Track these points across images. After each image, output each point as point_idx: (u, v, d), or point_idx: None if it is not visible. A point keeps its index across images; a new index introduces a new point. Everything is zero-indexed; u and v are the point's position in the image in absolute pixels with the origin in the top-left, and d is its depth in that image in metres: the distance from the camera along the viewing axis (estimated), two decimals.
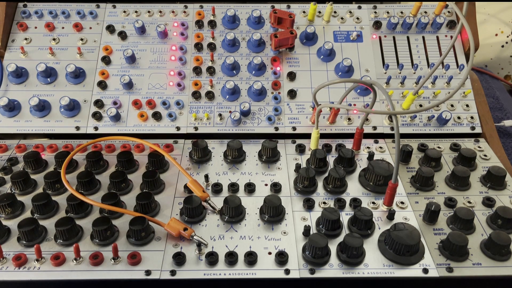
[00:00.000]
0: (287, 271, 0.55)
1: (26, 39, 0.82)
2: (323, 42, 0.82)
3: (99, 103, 0.77)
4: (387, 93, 0.58)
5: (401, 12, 0.86)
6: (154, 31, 0.83)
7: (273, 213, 0.61)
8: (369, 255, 0.57)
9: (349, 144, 0.74)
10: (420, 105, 0.78)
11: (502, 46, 1.32)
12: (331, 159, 0.72)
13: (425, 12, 0.85)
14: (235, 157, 0.71)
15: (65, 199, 0.62)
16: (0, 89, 0.77)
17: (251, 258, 0.55)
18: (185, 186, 0.66)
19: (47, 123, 0.76)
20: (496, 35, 1.30)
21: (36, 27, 0.83)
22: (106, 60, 0.80)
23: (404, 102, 0.77)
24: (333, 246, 0.57)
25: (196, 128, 0.76)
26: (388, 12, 0.86)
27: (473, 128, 0.77)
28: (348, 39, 0.84)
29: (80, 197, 0.60)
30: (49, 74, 0.79)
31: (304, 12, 0.86)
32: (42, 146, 0.73)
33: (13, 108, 0.76)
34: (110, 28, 0.83)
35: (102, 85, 0.78)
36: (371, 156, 0.72)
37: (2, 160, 0.71)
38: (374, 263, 0.56)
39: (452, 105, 0.79)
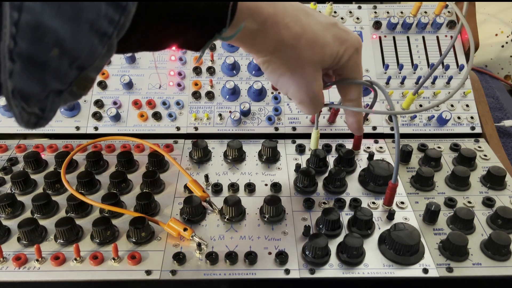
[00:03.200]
0: (287, 271, 0.55)
1: None
2: None
3: (99, 103, 0.77)
4: (387, 93, 0.58)
5: (401, 12, 0.86)
6: None
7: (273, 213, 0.61)
8: (369, 255, 0.57)
9: (349, 144, 0.74)
10: (420, 105, 0.78)
11: (502, 46, 1.32)
12: (331, 159, 0.72)
13: (425, 12, 0.85)
14: (235, 157, 0.71)
15: (65, 199, 0.62)
16: None
17: (251, 258, 0.55)
18: (185, 186, 0.66)
19: None
20: (496, 35, 1.31)
21: None
22: None
23: (404, 102, 0.77)
24: (333, 246, 0.57)
25: (196, 128, 0.76)
26: (388, 12, 0.86)
27: (473, 128, 0.77)
28: None
29: (80, 197, 0.60)
30: None
31: None
32: (42, 146, 0.73)
33: None
34: None
35: (102, 85, 0.78)
36: (371, 156, 0.72)
37: (2, 160, 0.71)
38: (374, 263, 0.56)
39: (452, 105, 0.79)
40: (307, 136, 0.75)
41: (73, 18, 0.29)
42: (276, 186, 0.66)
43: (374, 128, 0.77)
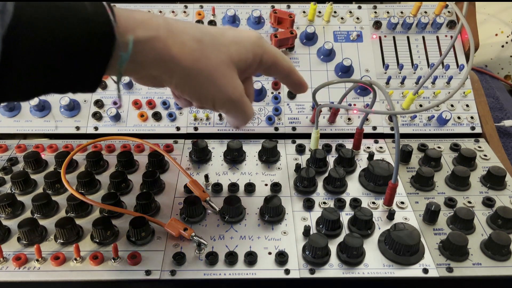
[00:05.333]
0: (287, 271, 0.55)
1: None
2: (323, 42, 0.82)
3: (99, 103, 0.77)
4: (387, 93, 0.58)
5: (401, 12, 0.86)
6: None
7: (273, 213, 0.61)
8: (369, 255, 0.57)
9: (349, 144, 0.74)
10: (420, 105, 0.78)
11: (502, 46, 1.32)
12: (331, 159, 0.72)
13: (425, 12, 0.85)
14: (235, 157, 0.71)
15: (65, 199, 0.62)
16: None
17: (251, 258, 0.55)
18: (185, 186, 0.66)
19: (47, 123, 0.76)
20: (496, 35, 1.31)
21: None
22: None
23: (404, 102, 0.77)
24: (333, 246, 0.57)
25: (196, 128, 0.76)
26: (388, 12, 0.86)
27: (473, 128, 0.77)
28: (348, 39, 0.84)
29: (80, 197, 0.60)
30: None
31: (304, 12, 0.86)
32: (42, 146, 0.73)
33: (13, 108, 0.76)
34: None
35: (102, 85, 0.78)
36: (371, 156, 0.72)
37: (2, 160, 0.71)
38: (374, 263, 0.56)
39: (452, 105, 0.79)
40: (307, 136, 0.75)
41: None
42: (276, 186, 0.66)
43: (374, 128, 0.77)
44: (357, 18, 0.85)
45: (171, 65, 0.45)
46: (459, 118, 0.78)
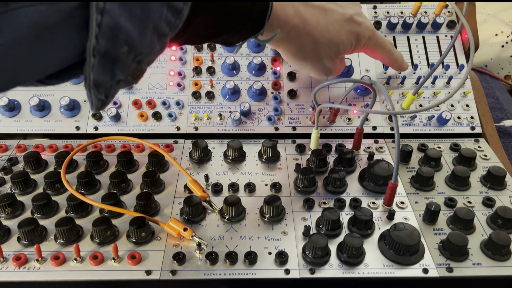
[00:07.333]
0: (287, 271, 0.55)
1: None
2: None
3: None
4: (387, 93, 0.58)
5: (401, 12, 0.86)
6: None
7: (273, 213, 0.61)
8: (369, 255, 0.57)
9: (349, 144, 0.74)
10: (420, 105, 0.78)
11: (502, 46, 1.32)
12: (331, 159, 0.72)
13: (425, 12, 0.85)
14: (235, 157, 0.71)
15: (65, 199, 0.62)
16: None
17: (251, 258, 0.55)
18: (185, 186, 0.66)
19: (47, 123, 0.76)
20: (496, 35, 1.31)
21: None
22: None
23: (404, 102, 0.77)
24: (333, 246, 0.57)
25: (196, 128, 0.76)
26: (388, 12, 0.86)
27: (473, 128, 0.77)
28: None
29: (80, 197, 0.60)
30: None
31: None
32: (42, 146, 0.73)
33: (13, 108, 0.76)
34: None
35: None
36: (371, 156, 0.72)
37: (2, 160, 0.71)
38: (374, 263, 0.56)
39: (452, 105, 0.79)
40: (307, 136, 0.75)
41: (142, 20, 0.34)
42: (276, 186, 0.66)
43: (374, 128, 0.77)
44: None
45: (287, 53, 0.63)
46: (459, 118, 0.78)
